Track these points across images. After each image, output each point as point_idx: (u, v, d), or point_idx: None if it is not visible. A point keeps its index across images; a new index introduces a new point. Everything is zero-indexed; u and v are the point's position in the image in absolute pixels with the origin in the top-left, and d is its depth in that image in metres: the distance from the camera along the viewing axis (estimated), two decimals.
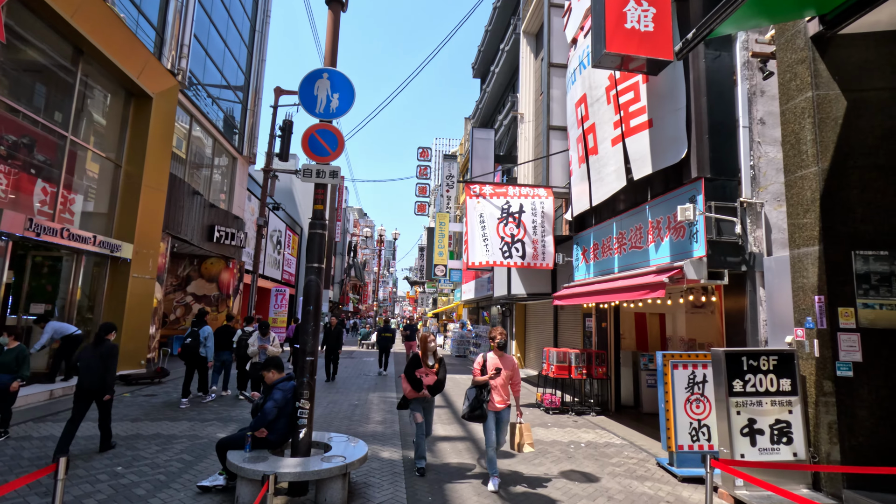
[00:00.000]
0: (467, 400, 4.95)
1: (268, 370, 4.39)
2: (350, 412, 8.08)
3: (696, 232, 5.92)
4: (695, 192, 6.02)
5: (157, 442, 5.87)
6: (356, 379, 12.26)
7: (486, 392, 4.84)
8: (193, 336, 8.70)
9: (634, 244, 7.49)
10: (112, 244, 10.10)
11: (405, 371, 5.25)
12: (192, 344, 8.64)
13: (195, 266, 16.75)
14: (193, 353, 8.58)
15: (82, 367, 5.24)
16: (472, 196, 9.85)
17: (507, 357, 5.07)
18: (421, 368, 5.22)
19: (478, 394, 4.85)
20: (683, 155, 6.02)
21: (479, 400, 4.83)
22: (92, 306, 10.56)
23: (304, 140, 4.57)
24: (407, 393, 5.20)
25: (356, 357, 18.76)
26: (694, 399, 5.66)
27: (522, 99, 17.19)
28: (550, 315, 14.26)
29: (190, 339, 8.68)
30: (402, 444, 6.25)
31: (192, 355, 8.59)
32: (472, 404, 4.85)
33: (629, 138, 6.90)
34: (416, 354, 5.34)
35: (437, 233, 29.20)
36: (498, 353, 5.00)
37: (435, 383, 5.24)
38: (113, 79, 10.55)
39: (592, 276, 8.97)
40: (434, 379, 5.24)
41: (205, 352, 8.60)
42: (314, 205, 4.52)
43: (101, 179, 10.59)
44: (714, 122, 6.02)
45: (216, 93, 16.29)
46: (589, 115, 8.00)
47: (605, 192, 7.56)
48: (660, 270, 6.33)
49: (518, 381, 5.14)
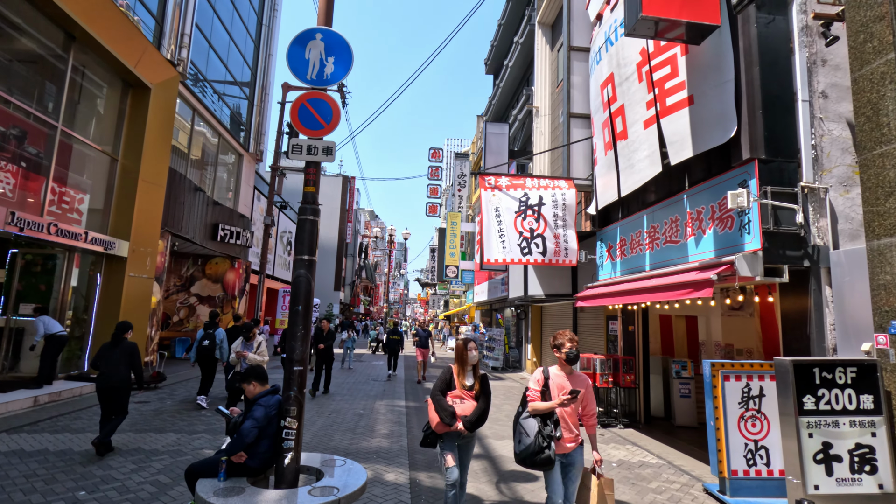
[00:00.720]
0: (523, 436, 3.41)
1: (248, 382, 3.70)
2: (354, 423, 7.39)
3: (749, 222, 5.13)
4: (746, 177, 5.23)
5: (136, 458, 5.22)
6: (363, 385, 11.59)
7: (553, 426, 3.38)
8: (210, 338, 8.53)
9: (670, 238, 6.70)
10: (106, 241, 9.56)
11: (433, 394, 3.82)
12: (209, 346, 8.51)
13: (199, 266, 16.24)
14: (210, 356, 8.48)
15: (102, 366, 5.41)
16: (488, 188, 9.12)
17: (579, 375, 3.61)
18: (455, 391, 3.80)
19: (540, 428, 3.35)
20: (733, 133, 5.23)
21: (545, 437, 3.32)
22: (86, 306, 10.04)
23: (293, 111, 3.89)
24: (435, 426, 3.72)
25: (365, 361, 18.11)
26: (749, 416, 4.86)
27: (538, 92, 16.44)
28: (569, 317, 13.45)
29: (207, 342, 8.51)
30: (410, 463, 5.53)
31: (209, 358, 8.54)
32: (535, 444, 3.31)
33: (665, 118, 6.13)
34: (450, 371, 3.87)
35: (448, 233, 28.48)
36: (565, 367, 3.56)
37: (476, 414, 3.73)
38: (108, 68, 10.02)
39: (619, 274, 8.18)
40: (472, 407, 3.75)
41: (219, 354, 8.47)
42: (304, 186, 3.84)
43: (95, 173, 10.06)
44: (768, 96, 5.22)
45: (221, 88, 15.79)
46: (617, 96, 7.23)
47: (635, 181, 6.79)
48: (704, 267, 5.54)
49: (593, 410, 3.61)
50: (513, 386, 12.85)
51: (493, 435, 7.12)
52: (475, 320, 28.13)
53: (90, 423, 6.68)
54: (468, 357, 3.85)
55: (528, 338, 16.73)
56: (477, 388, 3.85)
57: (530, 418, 3.45)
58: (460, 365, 3.88)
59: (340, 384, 11.50)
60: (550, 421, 3.39)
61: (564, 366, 3.54)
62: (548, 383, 3.50)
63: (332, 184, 40.18)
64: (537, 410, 3.44)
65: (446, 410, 3.68)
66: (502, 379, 14.47)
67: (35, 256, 9.54)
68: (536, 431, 3.35)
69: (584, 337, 12.41)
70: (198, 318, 15.88)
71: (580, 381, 3.56)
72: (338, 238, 38.54)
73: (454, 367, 3.89)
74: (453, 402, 3.75)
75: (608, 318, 10.11)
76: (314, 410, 8.20)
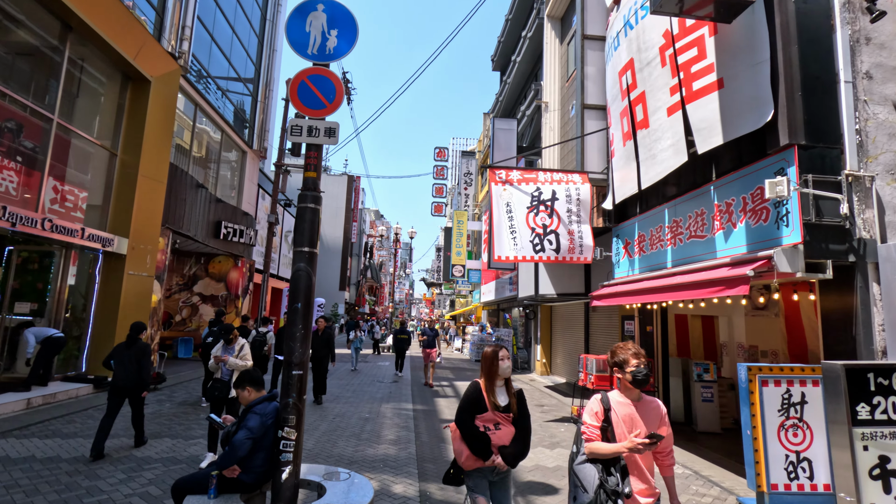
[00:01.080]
0: (579, 490, 2.52)
1: (241, 387, 3.35)
2: (359, 428, 7.04)
3: (787, 213, 4.72)
4: (784, 164, 4.83)
5: (126, 467, 4.89)
6: (368, 387, 11.24)
7: (620, 476, 2.45)
8: (215, 336, 8.37)
9: (695, 233, 6.29)
10: (104, 238, 9.26)
11: (459, 418, 3.04)
12: (213, 344, 8.31)
13: (202, 264, 15.96)
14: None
15: (116, 365, 5.49)
16: (498, 182, 8.74)
17: (649, 403, 2.62)
18: (486, 413, 3.00)
19: (602, 480, 2.45)
20: (769, 118, 4.83)
21: (609, 494, 2.42)
22: (85, 305, 9.75)
23: (292, 89, 3.53)
24: (464, 460, 2.98)
25: (370, 361, 17.77)
26: (790, 425, 4.45)
27: (547, 87, 16.07)
28: (580, 317, 13.06)
29: (211, 339, 8.36)
30: (420, 473, 5.16)
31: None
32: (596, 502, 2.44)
33: (691, 104, 5.73)
34: (476, 388, 3.08)
35: (454, 232, 28.12)
36: (630, 392, 2.58)
37: (517, 443, 3.00)
38: (107, 60, 9.73)
39: (638, 272, 7.78)
40: (510, 434, 2.98)
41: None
42: (304, 171, 3.49)
43: (93, 168, 9.77)
44: (808, 77, 4.82)
45: (225, 85, 15.51)
46: (637, 82, 6.84)
47: (658, 172, 6.39)
48: (737, 262, 5.14)
49: (670, 446, 2.64)
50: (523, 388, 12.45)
51: None
52: (482, 320, 27.74)
53: (83, 428, 6.37)
54: (500, 369, 3.07)
55: (537, 338, 16.33)
56: (514, 408, 3.08)
57: (587, 464, 2.52)
58: (489, 380, 3.10)
59: (345, 386, 11.16)
60: (616, 469, 2.45)
61: (629, 390, 2.57)
62: (609, 416, 2.53)
63: (337, 183, 39.92)
64: (597, 454, 2.48)
65: (480, 440, 2.88)
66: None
67: (32, 254, 9.26)
68: (597, 486, 2.43)
69: (597, 338, 12.00)
70: (200, 317, 15.61)
71: (653, 412, 2.58)
72: (343, 237, 38.28)
73: (481, 383, 3.10)
74: (486, 429, 2.97)
75: (623, 317, 9.70)
76: (317, 414, 7.85)
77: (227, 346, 5.84)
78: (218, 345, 5.89)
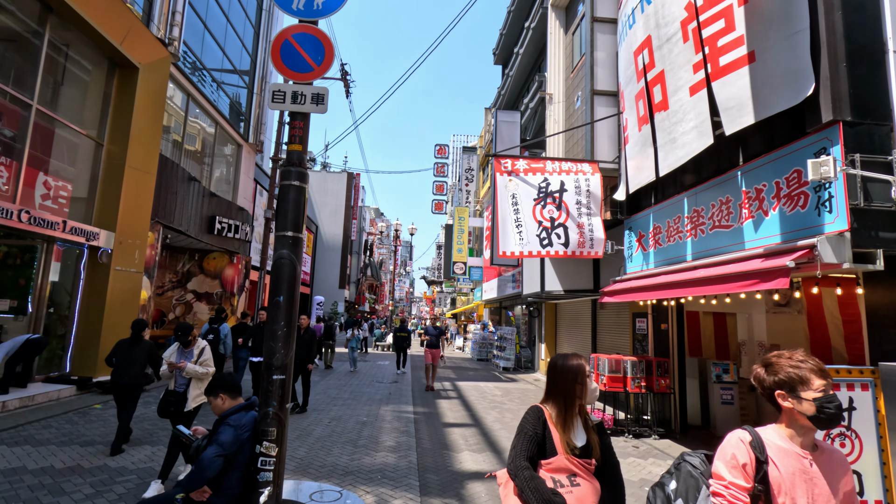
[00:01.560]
0: None
1: (214, 394, 2.87)
2: (356, 433, 6.57)
3: (831, 198, 4.24)
4: (826, 144, 4.35)
5: (97, 480, 4.42)
6: (367, 388, 10.77)
7: None
8: (214, 333, 8.29)
9: (719, 223, 5.81)
10: (88, 231, 8.79)
11: (512, 466, 2.01)
12: (213, 342, 8.20)
13: (196, 261, 15.47)
14: (215, 352, 8.16)
15: (118, 363, 5.33)
16: (503, 173, 8.26)
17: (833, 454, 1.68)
18: (555, 459, 2.01)
19: None
20: (810, 92, 4.34)
21: None
22: (70, 302, 9.28)
23: (274, 50, 3.06)
24: None
25: (370, 360, 17.31)
26: (836, 434, 3.98)
27: (551, 78, 15.55)
28: (587, 315, 12.58)
29: (212, 336, 8.26)
30: (421, 485, 4.69)
31: (214, 354, 8.10)
32: None
33: (718, 81, 5.24)
34: (538, 417, 2.07)
35: (455, 228, 27.64)
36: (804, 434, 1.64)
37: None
38: (92, 45, 9.25)
39: (653, 266, 7.31)
40: (594, 492, 2.01)
41: (223, 349, 8.30)
42: (289, 144, 3.01)
43: (78, 159, 9.30)
44: (853, 47, 4.34)
45: (220, 77, 15.02)
46: (655, 61, 6.35)
47: (678, 157, 5.90)
48: (771, 253, 4.66)
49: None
50: (528, 388, 12.00)
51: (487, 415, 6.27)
52: (483, 318, 27.29)
53: (59, 434, 5.90)
54: (587, 392, 2.07)
55: (541, 337, 15.86)
56: (596, 451, 2.07)
57: None
58: (565, 407, 2.05)
59: (342, 387, 10.70)
60: None
61: (805, 431, 1.63)
62: (764, 471, 1.58)
63: (336, 180, 39.46)
64: None
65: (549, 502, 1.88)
66: (515, 381, 13.62)
67: (12, 248, 8.79)
68: None
69: (604, 336, 11.54)
70: (195, 315, 15.13)
71: (838, 469, 1.63)
72: (343, 235, 37.81)
73: (547, 412, 2.06)
74: (557, 484, 1.96)
75: (635, 315, 9.23)
76: (311, 418, 7.39)
77: (184, 350, 4.90)
78: (172, 347, 4.90)
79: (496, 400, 10.00)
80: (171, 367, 4.78)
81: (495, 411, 8.75)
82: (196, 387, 4.80)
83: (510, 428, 7.42)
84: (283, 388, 2.82)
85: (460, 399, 10.00)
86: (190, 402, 4.74)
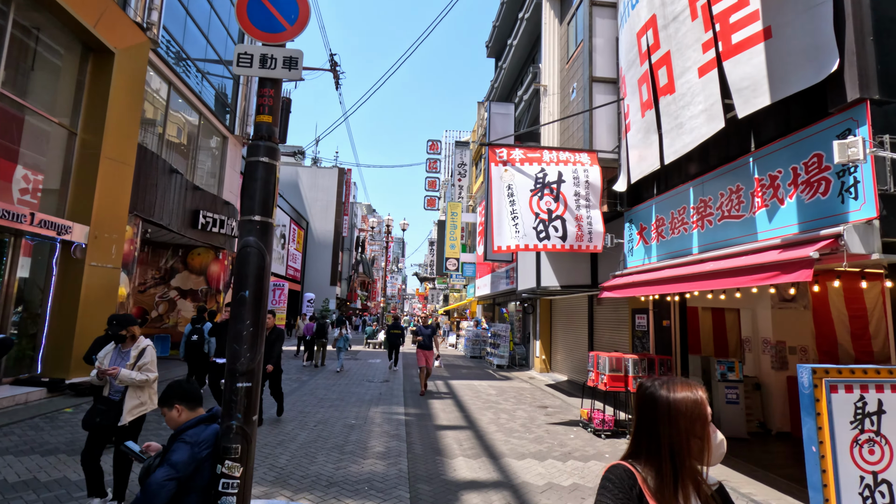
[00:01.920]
0: None
1: (169, 405, 2.45)
2: (343, 438, 6.17)
3: (856, 183, 3.91)
4: (851, 124, 4.01)
5: (51, 496, 3.99)
6: (356, 387, 10.37)
7: None
8: (199, 333, 8.02)
9: (728, 213, 5.48)
10: (59, 225, 8.29)
11: None
12: (198, 342, 7.99)
13: (180, 257, 14.97)
14: (199, 352, 8.01)
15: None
16: (498, 163, 7.88)
17: None
18: None
19: None
20: (834, 68, 4.00)
21: None
22: (42, 300, 8.78)
23: (239, 5, 2.64)
24: None
25: (360, 359, 16.90)
26: (865, 440, 3.64)
27: (546, 70, 15.18)
28: (584, 311, 12.27)
29: (196, 337, 8.02)
30: (412, 497, 4.31)
31: (198, 353, 7.97)
32: None
33: (730, 60, 4.89)
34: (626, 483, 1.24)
35: (448, 224, 27.25)
36: None
37: None
38: (63, 28, 8.72)
39: (656, 259, 6.97)
40: None
41: (207, 348, 8.02)
42: (256, 114, 2.60)
43: (50, 148, 8.79)
44: (881, 19, 4.01)
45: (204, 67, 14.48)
46: (660, 42, 5.99)
47: (686, 143, 5.56)
48: (790, 244, 4.32)
49: None
50: (523, 387, 11.66)
51: (510, 453, 5.91)
52: (477, 315, 26.96)
53: (21, 441, 5.45)
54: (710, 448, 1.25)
55: (535, 333, 15.54)
56: None
57: None
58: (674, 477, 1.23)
59: (331, 387, 10.29)
60: None
61: None
62: None
63: (327, 176, 38.91)
64: None
65: None
66: (510, 379, 13.28)
67: None
68: None
69: (601, 333, 11.23)
70: (178, 313, 14.64)
71: None
72: (334, 231, 37.28)
73: (639, 477, 1.25)
74: None
75: (634, 311, 8.92)
76: (296, 421, 6.98)
77: (120, 351, 3.94)
78: (107, 347, 4.00)
79: (491, 399, 9.65)
80: (103, 374, 3.77)
81: (490, 412, 8.40)
82: (134, 396, 3.85)
83: (506, 430, 7.07)
84: (250, 397, 2.42)
85: (453, 399, 9.64)
86: (125, 414, 3.77)
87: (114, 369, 3.77)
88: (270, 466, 4.94)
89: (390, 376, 12.52)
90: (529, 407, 9.01)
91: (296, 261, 30.72)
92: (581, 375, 11.78)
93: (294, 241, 30.02)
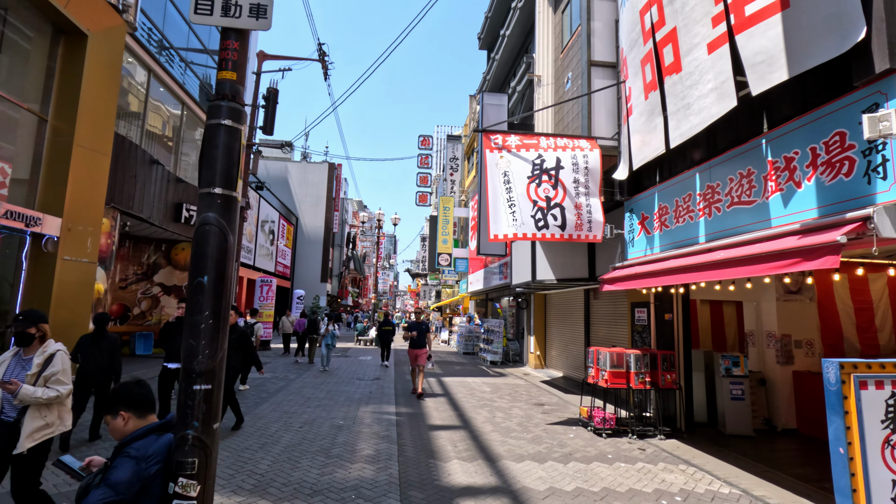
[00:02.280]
0: None
1: (113, 412, 2.07)
2: (330, 440, 5.80)
3: (885, 162, 3.60)
4: (879, 98, 3.70)
5: None
6: (346, 386, 9.99)
7: None
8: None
9: (739, 199, 5.17)
10: (28, 216, 7.80)
11: None
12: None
13: (163, 252, 14.46)
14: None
15: (85, 358, 5.36)
16: (494, 149, 7.52)
17: None
18: None
19: None
20: (861, 37, 3.68)
21: None
22: (11, 296, 8.30)
23: None
24: None
25: (351, 356, 16.51)
26: (886, 436, 3.36)
27: (539, 60, 14.84)
28: (579, 305, 11.97)
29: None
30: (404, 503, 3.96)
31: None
32: None
33: (743, 34, 4.56)
34: None
35: (440, 219, 26.88)
36: None
37: None
38: (32, 8, 8.21)
39: (658, 250, 6.66)
40: None
41: None
42: (218, 70, 2.22)
43: (18, 135, 8.29)
44: None
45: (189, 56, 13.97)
46: (665, 18, 5.66)
47: (693, 125, 5.23)
48: (811, 229, 4.01)
49: None
50: (518, 384, 11.35)
51: (508, 454, 5.58)
52: (469, 311, 26.65)
53: None
54: None
55: (530, 329, 15.24)
56: None
57: None
58: None
59: (319, 385, 9.90)
60: None
61: None
62: None
63: (317, 171, 38.34)
64: None
65: None
66: (504, 375, 12.98)
67: None
68: None
69: (598, 328, 10.94)
70: (162, 310, 14.15)
71: None
72: (324, 227, 36.73)
73: None
74: None
75: (634, 305, 8.62)
76: (281, 421, 6.60)
77: (22, 357, 3.19)
78: (6, 353, 3.21)
79: (485, 397, 9.32)
80: (3, 387, 3.02)
81: (485, 410, 8.07)
82: (38, 416, 3.08)
83: (502, 430, 6.74)
84: (209, 401, 2.05)
85: (447, 397, 9.29)
86: (23, 439, 3.03)
87: (12, 383, 2.99)
88: (250, 472, 4.56)
89: (381, 373, 12.16)
90: (525, 405, 8.69)
91: (285, 257, 30.21)
92: (577, 372, 11.49)
93: (283, 237, 29.49)
